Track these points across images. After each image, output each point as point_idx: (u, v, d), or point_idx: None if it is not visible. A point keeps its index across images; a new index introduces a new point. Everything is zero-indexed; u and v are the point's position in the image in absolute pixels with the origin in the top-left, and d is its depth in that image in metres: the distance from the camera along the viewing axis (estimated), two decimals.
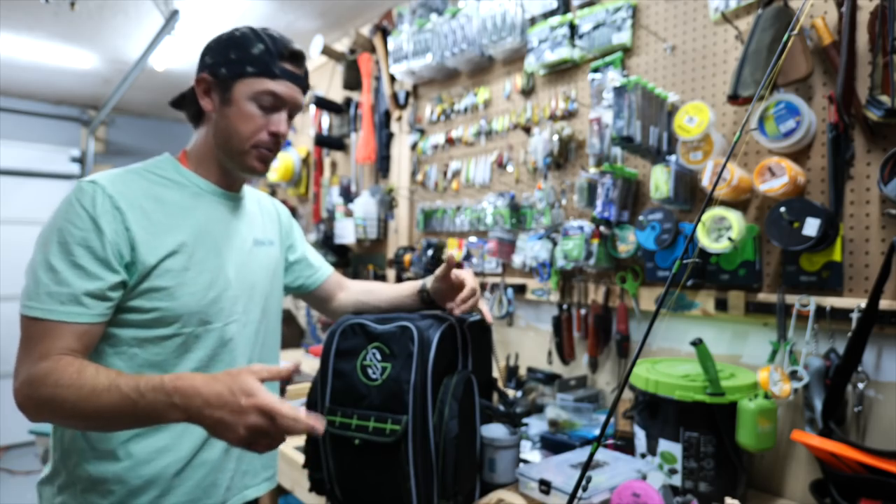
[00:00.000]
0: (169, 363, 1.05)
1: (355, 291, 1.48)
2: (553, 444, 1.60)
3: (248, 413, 0.81)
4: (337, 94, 3.26)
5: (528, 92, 2.14)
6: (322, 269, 1.46)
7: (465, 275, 1.32)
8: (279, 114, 1.11)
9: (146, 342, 1.03)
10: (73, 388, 0.87)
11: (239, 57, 1.07)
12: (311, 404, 1.34)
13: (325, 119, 3.29)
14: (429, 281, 1.38)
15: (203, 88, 1.10)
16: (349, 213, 2.94)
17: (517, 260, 2.05)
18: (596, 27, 1.86)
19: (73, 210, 0.98)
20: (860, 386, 1.28)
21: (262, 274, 1.23)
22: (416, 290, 1.40)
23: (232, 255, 1.14)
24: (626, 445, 1.53)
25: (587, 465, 0.96)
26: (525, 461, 1.49)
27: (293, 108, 1.13)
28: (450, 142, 2.46)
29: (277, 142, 1.13)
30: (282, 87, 1.09)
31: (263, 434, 0.82)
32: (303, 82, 1.14)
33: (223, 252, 1.12)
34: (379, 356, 1.26)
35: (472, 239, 2.26)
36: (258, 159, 1.12)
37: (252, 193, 1.31)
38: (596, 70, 1.85)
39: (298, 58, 1.12)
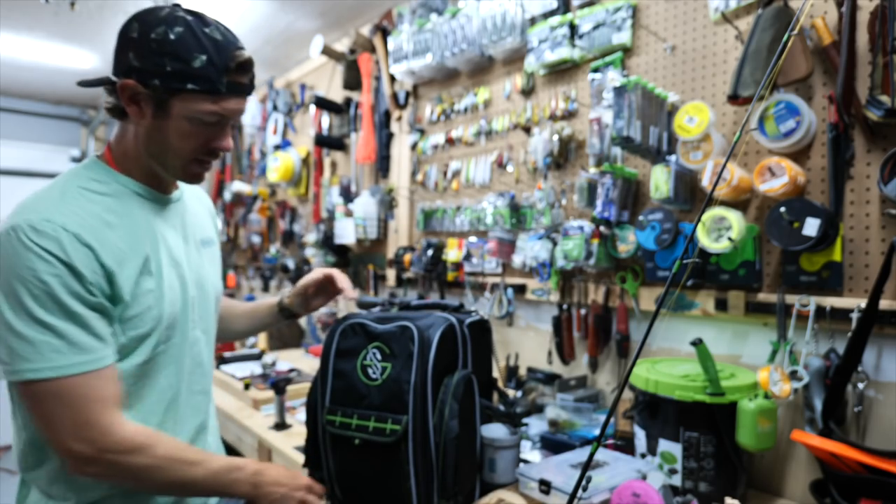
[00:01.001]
0: (148, 378, 1.02)
1: (222, 316, 1.39)
2: (553, 444, 1.60)
3: (301, 490, 1.08)
4: (337, 94, 3.26)
5: (528, 92, 2.14)
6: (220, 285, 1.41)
7: (317, 274, 1.37)
8: (221, 128, 1.01)
9: (128, 365, 0.99)
10: (173, 460, 0.96)
11: (176, 70, 0.92)
12: (311, 404, 1.34)
13: (325, 119, 3.29)
14: (285, 296, 1.39)
15: (128, 95, 0.95)
16: (349, 213, 2.94)
17: (517, 260, 2.05)
18: (596, 27, 1.86)
19: (38, 257, 0.87)
20: (860, 386, 1.28)
21: (212, 276, 1.18)
22: (274, 306, 1.40)
23: (186, 259, 1.09)
24: (626, 445, 1.53)
25: (587, 465, 0.96)
26: (525, 461, 1.49)
27: (237, 119, 1.03)
28: (450, 142, 2.46)
29: (217, 154, 1.04)
30: (227, 105, 0.98)
31: None
32: (249, 90, 1.02)
33: (179, 258, 1.07)
34: (379, 356, 1.26)
35: (472, 239, 2.26)
36: (194, 174, 1.04)
37: (190, 190, 1.22)
38: (596, 70, 1.85)
39: (247, 66, 0.99)
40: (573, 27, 1.92)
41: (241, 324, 1.43)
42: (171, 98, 0.95)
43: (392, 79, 2.78)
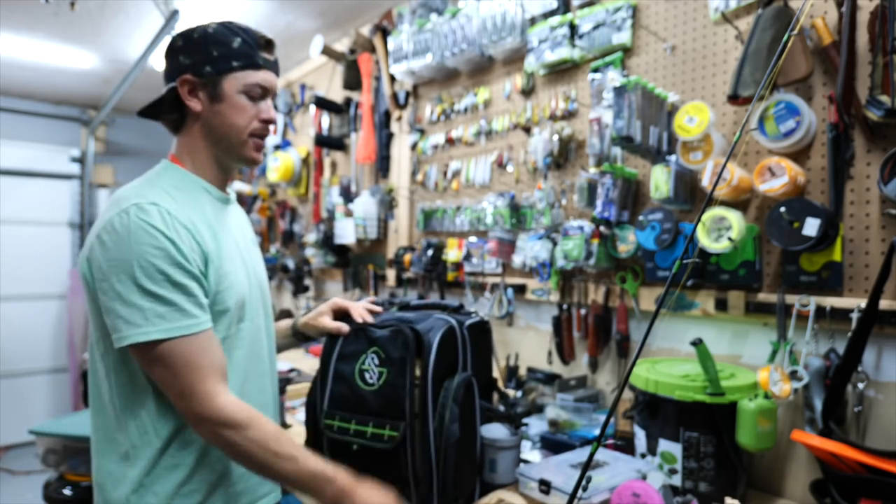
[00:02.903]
0: (227, 356, 1.08)
1: None
2: (553, 444, 1.60)
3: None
4: (337, 94, 3.26)
5: (528, 92, 2.14)
6: None
7: (332, 305, 1.40)
8: (266, 101, 1.15)
9: None
10: (263, 448, 1.00)
11: (222, 53, 1.08)
12: (311, 405, 1.34)
13: (325, 119, 3.29)
14: (299, 320, 1.42)
15: (188, 90, 1.10)
16: (349, 213, 2.94)
17: (517, 260, 2.05)
18: (596, 27, 1.86)
19: (146, 233, 0.98)
20: (860, 386, 1.28)
21: (263, 272, 1.27)
22: (289, 329, 1.43)
23: (245, 254, 1.18)
24: (626, 445, 1.53)
25: (587, 465, 0.96)
26: (525, 461, 1.49)
27: (274, 94, 1.17)
28: (450, 142, 2.46)
29: (268, 128, 1.16)
30: (266, 77, 1.13)
31: None
32: (277, 68, 1.18)
33: (240, 253, 1.17)
34: (377, 360, 1.26)
35: (472, 239, 2.26)
36: (255, 148, 1.15)
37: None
38: (596, 70, 1.85)
39: (272, 45, 1.15)
40: (573, 27, 1.92)
41: None
42: (222, 79, 1.09)
43: (392, 79, 2.78)
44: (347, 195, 3.04)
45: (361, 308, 1.39)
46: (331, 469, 1.04)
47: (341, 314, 1.39)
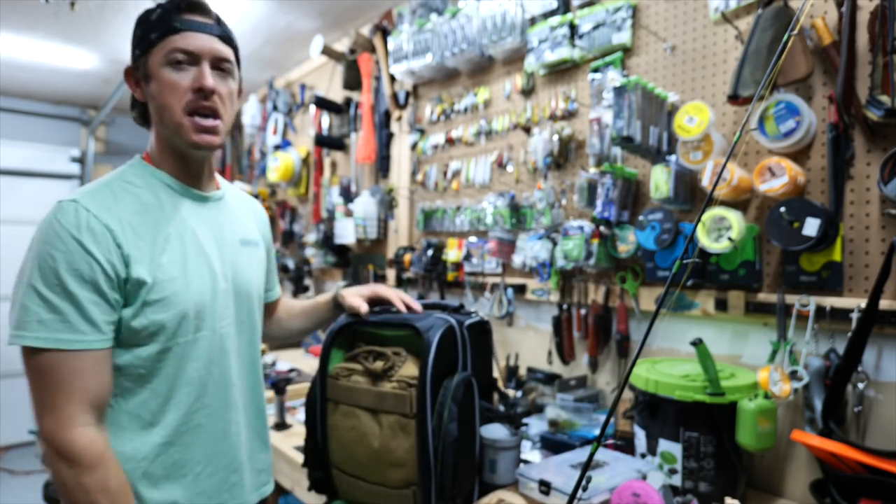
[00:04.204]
0: (168, 374, 1.01)
1: (280, 316, 1.45)
2: (553, 444, 1.60)
3: None
4: (337, 94, 3.26)
5: (528, 92, 2.14)
6: (275, 290, 1.42)
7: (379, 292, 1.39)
8: (197, 68, 1.02)
9: (146, 360, 0.99)
10: (91, 499, 0.90)
11: (143, 31, 1.03)
12: (311, 404, 1.34)
13: (325, 119, 3.29)
14: (340, 291, 1.40)
15: (132, 82, 1.07)
16: (349, 213, 2.94)
17: (517, 260, 2.05)
18: (596, 27, 1.86)
19: (54, 232, 0.93)
20: (860, 386, 1.28)
21: (249, 275, 1.18)
22: (330, 301, 1.41)
23: (219, 256, 1.10)
24: (626, 445, 1.53)
25: (587, 465, 0.96)
26: (525, 461, 1.49)
27: (215, 60, 1.04)
28: (450, 142, 2.46)
29: (209, 101, 1.03)
30: (188, 40, 1.01)
31: None
32: (213, 29, 1.05)
33: (211, 254, 1.08)
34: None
35: (472, 239, 2.26)
36: (195, 129, 1.03)
37: (234, 192, 1.27)
38: (596, 70, 1.85)
39: (199, 7, 1.05)
40: (573, 27, 1.92)
41: (299, 322, 1.46)
42: (147, 59, 1.03)
43: (392, 79, 2.78)
44: (347, 195, 3.04)
45: (401, 295, 1.37)
46: None
47: (377, 301, 1.39)
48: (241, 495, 1.12)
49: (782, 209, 1.34)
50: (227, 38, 1.07)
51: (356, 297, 1.35)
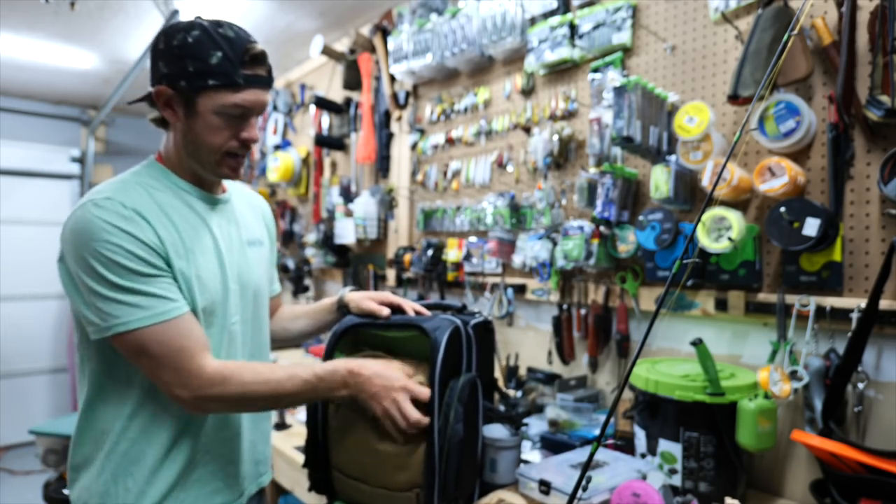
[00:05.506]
0: None
1: (282, 318, 1.46)
2: (553, 444, 1.60)
3: (399, 391, 1.10)
4: (337, 94, 3.25)
5: (528, 92, 2.14)
6: (275, 286, 1.43)
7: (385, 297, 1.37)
8: (247, 121, 1.08)
9: None
10: (260, 383, 1.03)
11: (198, 69, 1.01)
12: (311, 404, 1.34)
13: (325, 119, 3.29)
14: (345, 295, 1.39)
15: (163, 101, 1.05)
16: (349, 213, 2.94)
17: (517, 260, 2.05)
18: (596, 27, 1.86)
19: (100, 228, 0.97)
20: (860, 386, 1.28)
21: (255, 274, 1.22)
22: (335, 303, 1.41)
23: (226, 256, 1.13)
24: (626, 445, 1.53)
25: (587, 465, 0.96)
26: (525, 461, 1.49)
27: (260, 111, 1.10)
28: (450, 142, 2.46)
29: (247, 147, 1.10)
30: (247, 96, 1.04)
31: (398, 411, 1.09)
32: (268, 82, 1.09)
33: (218, 254, 1.12)
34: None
35: (472, 239, 2.26)
36: (229, 168, 1.10)
37: (240, 192, 1.29)
38: (596, 70, 1.85)
39: (259, 59, 1.06)
40: (573, 27, 1.92)
41: (302, 324, 1.47)
42: (196, 96, 1.03)
43: (392, 79, 2.78)
44: (347, 195, 3.04)
45: (412, 304, 1.37)
46: (328, 365, 1.09)
47: (390, 308, 1.37)
48: (239, 484, 1.17)
49: (782, 209, 1.34)
50: (271, 84, 1.11)
51: (370, 302, 1.34)
